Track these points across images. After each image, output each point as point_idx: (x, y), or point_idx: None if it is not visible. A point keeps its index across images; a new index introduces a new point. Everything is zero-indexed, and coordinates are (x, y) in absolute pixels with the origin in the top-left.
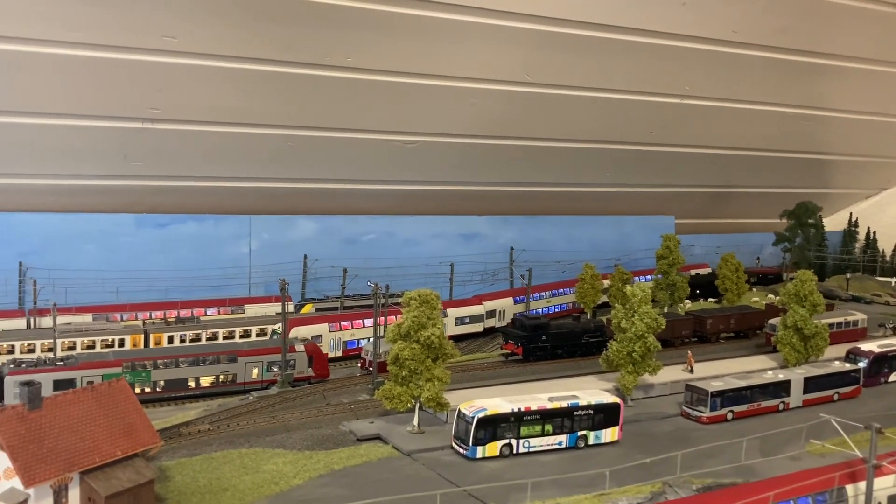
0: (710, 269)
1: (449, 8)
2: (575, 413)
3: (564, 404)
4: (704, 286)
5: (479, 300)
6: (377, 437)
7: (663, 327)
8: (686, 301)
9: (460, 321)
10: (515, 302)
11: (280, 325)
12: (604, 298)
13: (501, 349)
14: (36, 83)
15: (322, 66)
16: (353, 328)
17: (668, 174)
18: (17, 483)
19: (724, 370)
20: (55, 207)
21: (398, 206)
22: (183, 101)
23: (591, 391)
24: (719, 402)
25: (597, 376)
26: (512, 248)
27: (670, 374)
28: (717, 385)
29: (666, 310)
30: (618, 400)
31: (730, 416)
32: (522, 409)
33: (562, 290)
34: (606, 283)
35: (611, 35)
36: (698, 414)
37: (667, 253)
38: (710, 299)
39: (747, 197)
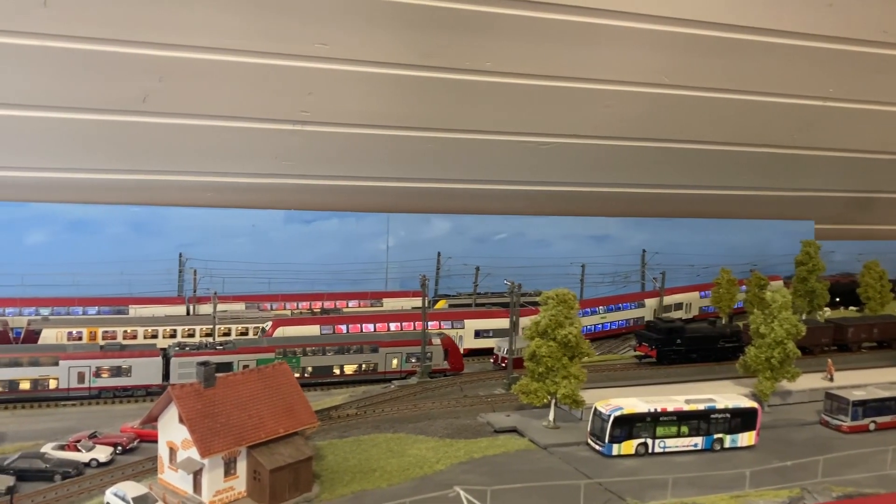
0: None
1: (586, 12)
2: (711, 416)
3: (701, 407)
4: (845, 294)
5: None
6: (514, 430)
7: (803, 334)
8: (825, 308)
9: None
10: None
11: (269, 324)
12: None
13: (635, 351)
14: (200, 88)
15: (461, 70)
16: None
17: (808, 178)
18: (193, 453)
19: (866, 380)
20: (213, 203)
21: (529, 206)
22: (331, 105)
23: (728, 395)
24: (861, 412)
25: (732, 381)
26: (644, 251)
27: (809, 381)
28: (859, 394)
29: (804, 317)
30: (755, 405)
31: (872, 426)
32: (659, 410)
33: (626, 304)
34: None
35: (752, 37)
36: (838, 423)
37: (806, 259)
38: (850, 307)
39: (892, 203)
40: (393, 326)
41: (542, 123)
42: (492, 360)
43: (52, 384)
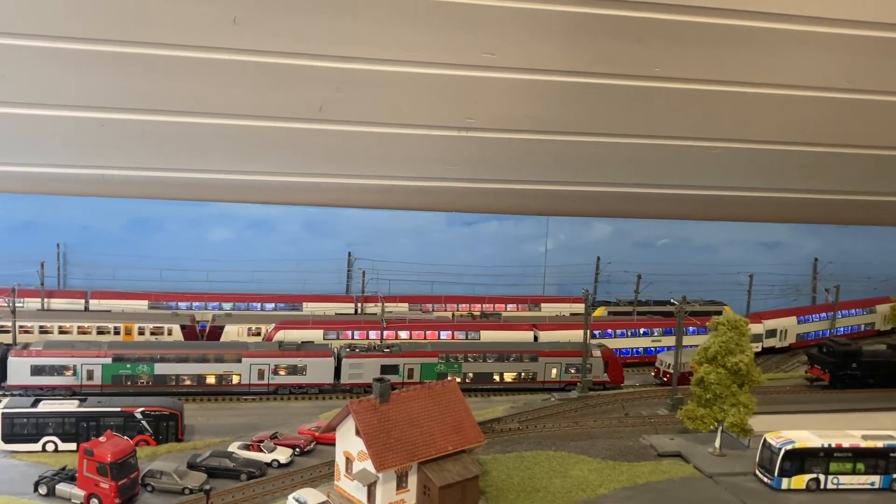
0: None
1: (758, 16)
2: (892, 454)
3: (880, 444)
4: None
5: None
6: (678, 455)
7: None
8: None
9: None
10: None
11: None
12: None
13: (806, 373)
14: (372, 97)
15: (629, 76)
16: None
17: None
18: (368, 465)
19: None
20: (379, 204)
21: (695, 210)
22: (496, 112)
23: None
24: None
25: None
26: (816, 260)
27: None
28: None
29: None
30: None
31: None
32: (833, 445)
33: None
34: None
35: None
36: None
37: None
38: None
39: None
40: (443, 335)
41: (712, 128)
42: (653, 374)
43: (235, 380)
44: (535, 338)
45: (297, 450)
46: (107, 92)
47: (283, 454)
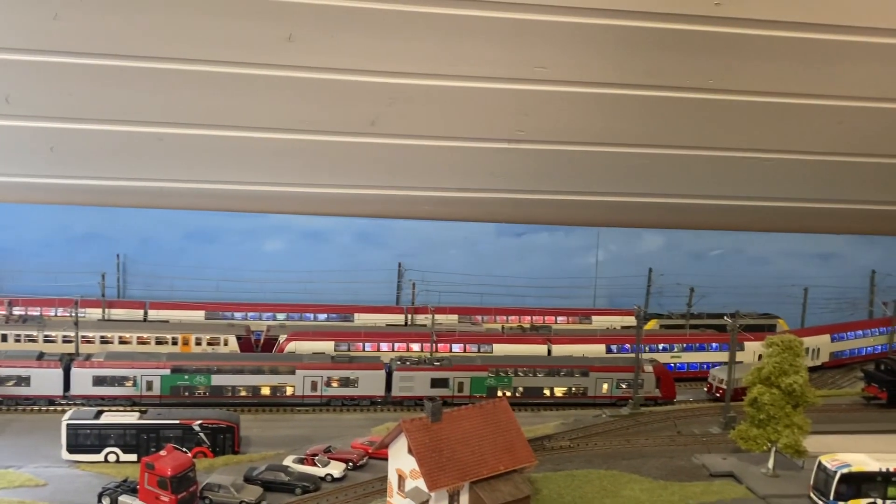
0: None
1: (815, 28)
2: None
3: None
4: None
5: None
6: (730, 475)
7: None
8: None
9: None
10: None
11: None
12: None
13: (863, 391)
14: (423, 111)
15: (682, 88)
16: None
17: None
18: (421, 484)
19: None
20: (430, 215)
21: (748, 221)
22: (546, 124)
23: None
24: None
25: None
26: (874, 272)
27: None
28: None
29: None
30: None
31: None
32: (891, 470)
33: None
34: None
35: None
36: None
37: None
38: None
39: None
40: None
41: (766, 139)
42: (705, 389)
43: (289, 391)
44: (549, 352)
45: (351, 464)
46: (165, 108)
47: (336, 469)
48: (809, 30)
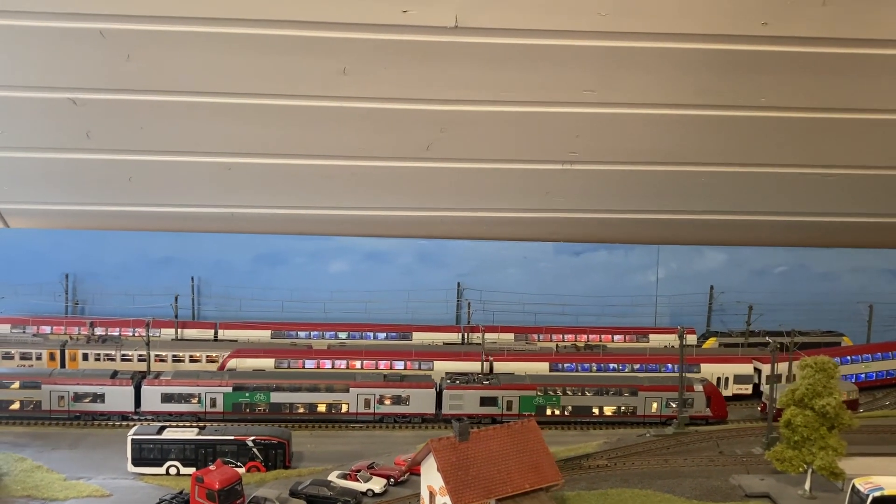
0: None
1: (865, 44)
2: None
3: None
4: None
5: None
6: (766, 496)
7: None
8: None
9: None
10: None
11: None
12: None
13: None
14: (476, 136)
15: (735, 106)
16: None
17: None
18: (448, 501)
19: None
20: (487, 235)
21: (811, 237)
22: (599, 145)
23: None
24: None
25: None
26: None
27: None
28: None
29: None
30: None
31: None
32: None
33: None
34: None
35: None
36: None
37: None
38: None
39: None
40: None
41: (825, 155)
42: (759, 409)
43: (344, 408)
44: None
45: (392, 480)
46: (230, 139)
47: (377, 484)
48: (854, 45)
